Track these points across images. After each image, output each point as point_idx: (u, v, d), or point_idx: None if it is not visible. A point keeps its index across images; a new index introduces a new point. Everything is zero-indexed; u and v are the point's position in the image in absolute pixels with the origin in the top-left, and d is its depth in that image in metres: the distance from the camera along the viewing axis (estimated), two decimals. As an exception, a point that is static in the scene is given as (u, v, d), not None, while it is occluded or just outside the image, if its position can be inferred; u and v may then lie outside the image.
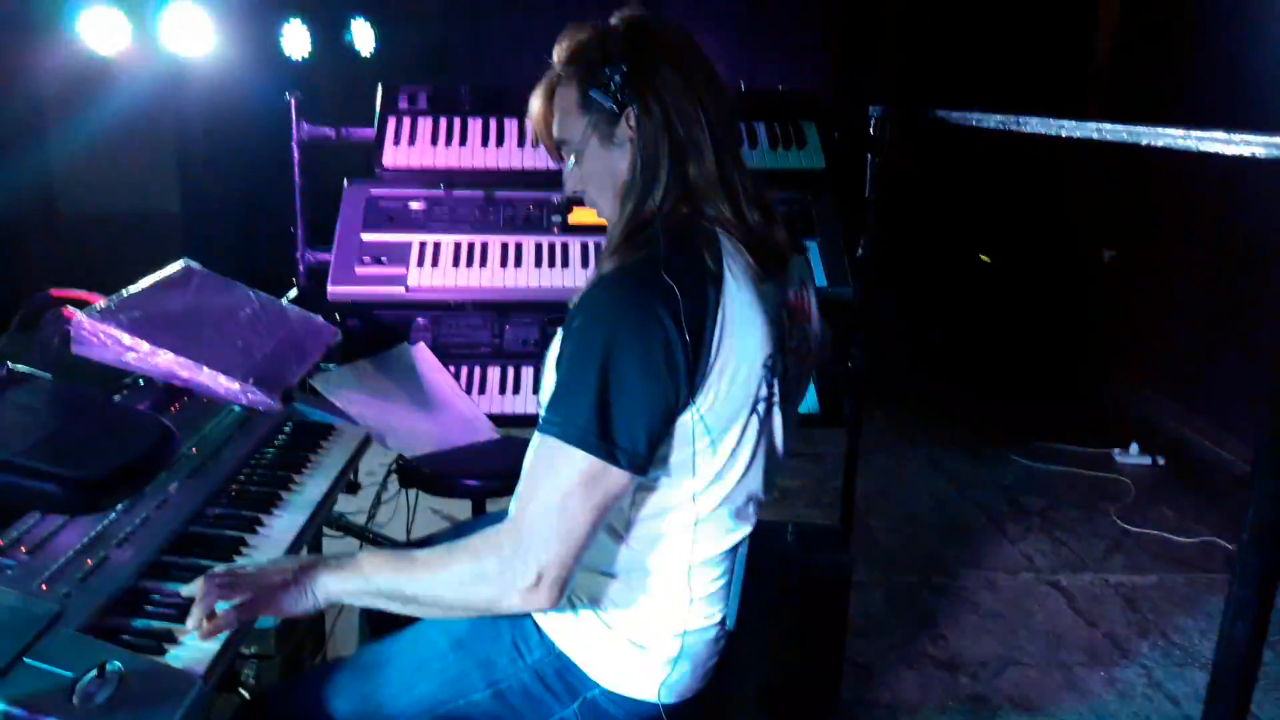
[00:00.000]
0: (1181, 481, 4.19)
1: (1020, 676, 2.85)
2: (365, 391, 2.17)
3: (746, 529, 1.44)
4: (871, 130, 2.26)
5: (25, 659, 1.19)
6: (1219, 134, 1.08)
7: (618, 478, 1.25)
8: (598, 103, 1.36)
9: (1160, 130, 1.16)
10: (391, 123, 2.47)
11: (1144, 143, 1.20)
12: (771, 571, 2.67)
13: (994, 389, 4.55)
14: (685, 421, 1.30)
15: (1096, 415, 4.45)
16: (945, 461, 4.33)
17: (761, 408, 1.36)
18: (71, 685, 1.18)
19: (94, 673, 1.20)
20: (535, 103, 1.46)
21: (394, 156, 2.42)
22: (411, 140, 2.46)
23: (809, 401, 2.42)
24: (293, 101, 2.51)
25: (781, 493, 3.83)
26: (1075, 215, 4.32)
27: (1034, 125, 1.52)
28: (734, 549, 1.45)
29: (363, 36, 3.99)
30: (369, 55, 3.99)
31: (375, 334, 2.43)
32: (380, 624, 1.80)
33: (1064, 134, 1.42)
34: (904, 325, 4.20)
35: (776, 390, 1.39)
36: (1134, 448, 4.37)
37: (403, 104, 2.50)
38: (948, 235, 4.32)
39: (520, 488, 1.28)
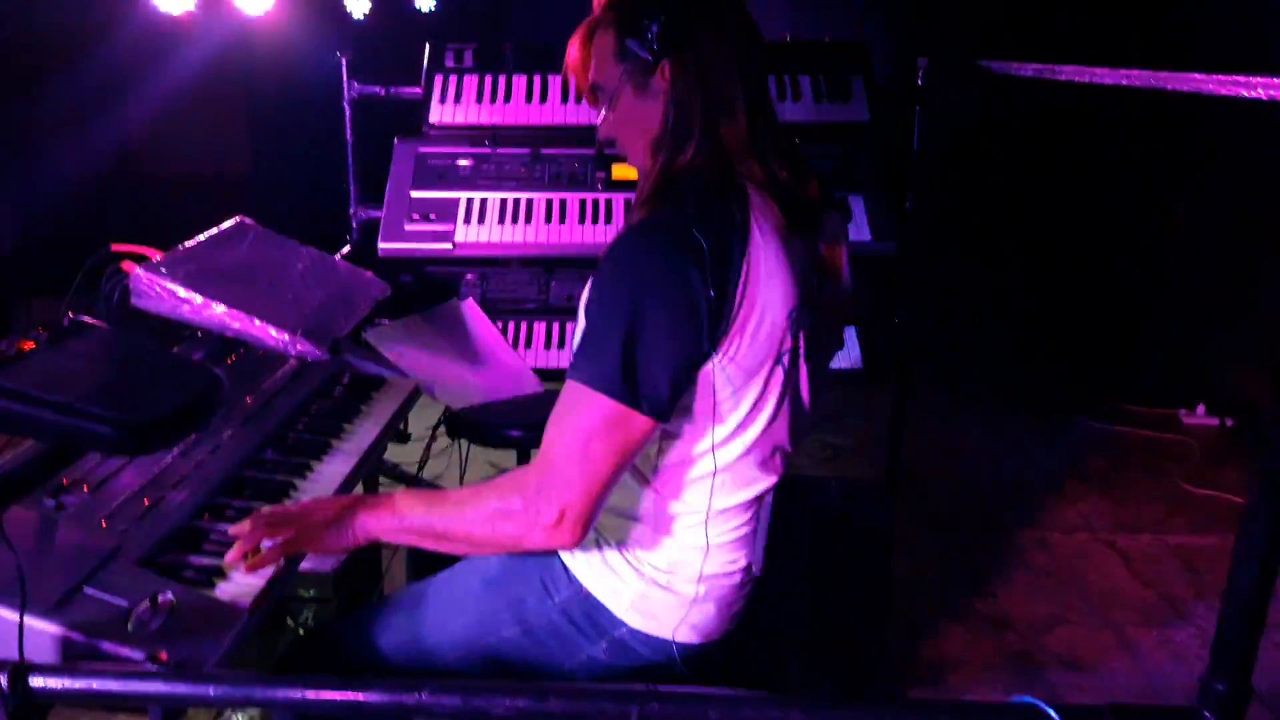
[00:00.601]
0: (1250, 443, 4.09)
1: (1070, 635, 2.84)
2: (415, 345, 2.23)
3: (772, 479, 1.47)
4: (920, 81, 2.24)
5: (85, 588, 1.28)
6: (1239, 78, 1.06)
7: (640, 424, 1.28)
8: (633, 52, 1.37)
9: (1187, 76, 1.14)
10: (438, 81, 2.51)
11: (1169, 88, 1.17)
12: (814, 526, 2.69)
13: (1056, 348, 4.46)
14: (708, 371, 1.32)
15: (1164, 375, 4.34)
16: (1004, 421, 4.28)
17: (786, 360, 1.38)
18: (127, 614, 1.26)
19: (147, 603, 1.28)
20: (573, 46, 1.47)
21: (440, 114, 2.47)
22: (458, 98, 2.49)
23: (851, 356, 2.41)
24: (344, 61, 2.56)
25: (834, 451, 3.84)
26: (1143, 168, 4.18)
27: (1068, 73, 1.50)
28: (758, 498, 1.47)
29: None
30: (428, 12, 4.02)
31: (426, 289, 2.49)
32: (425, 567, 1.87)
33: (1094, 81, 1.40)
34: (961, 282, 4.13)
35: (802, 343, 1.41)
36: (1201, 409, 4.26)
37: (449, 62, 2.54)
38: (1008, 189, 4.22)
39: (547, 431, 1.32)
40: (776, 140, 1.40)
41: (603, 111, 1.46)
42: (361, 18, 3.71)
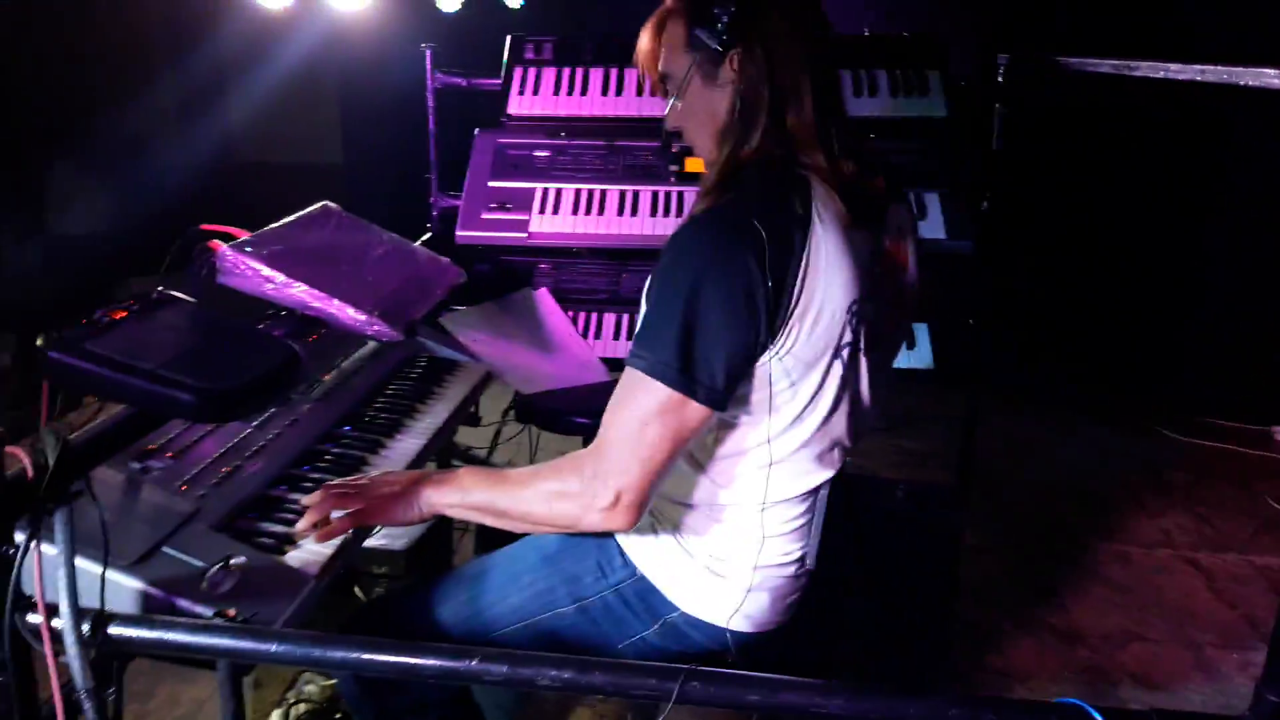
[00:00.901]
0: (1349, 464, 3.92)
1: (1145, 652, 2.76)
2: (489, 331, 2.28)
3: (828, 473, 1.47)
4: (1000, 78, 2.20)
5: (164, 547, 1.34)
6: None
7: (695, 411, 1.30)
8: (703, 42, 1.38)
9: (1259, 71, 1.11)
10: (518, 73, 2.56)
11: (1242, 83, 1.14)
12: (882, 528, 2.67)
13: (1138, 356, 4.33)
14: (765, 362, 1.33)
15: (1256, 390, 4.18)
16: (1085, 429, 4.17)
17: (846, 353, 1.38)
18: (201, 573, 1.32)
19: (221, 565, 1.34)
20: (644, 36, 1.49)
21: (519, 105, 2.51)
22: (536, 90, 2.54)
23: (923, 356, 2.39)
24: (428, 53, 2.62)
25: (908, 454, 3.79)
26: (1241, 170, 4.03)
27: (1143, 70, 1.46)
28: (814, 491, 1.48)
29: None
30: (517, 8, 4.09)
31: (502, 277, 2.54)
32: (493, 545, 1.92)
33: (1167, 76, 1.36)
34: (1039, 283, 4.03)
35: (863, 337, 1.41)
36: (1296, 426, 4.10)
37: (529, 54, 2.58)
38: (1089, 189, 4.10)
39: (606, 415, 1.34)
40: (843, 133, 1.40)
41: (671, 101, 1.48)
42: (451, 11, 3.80)
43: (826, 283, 1.33)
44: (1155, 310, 4.25)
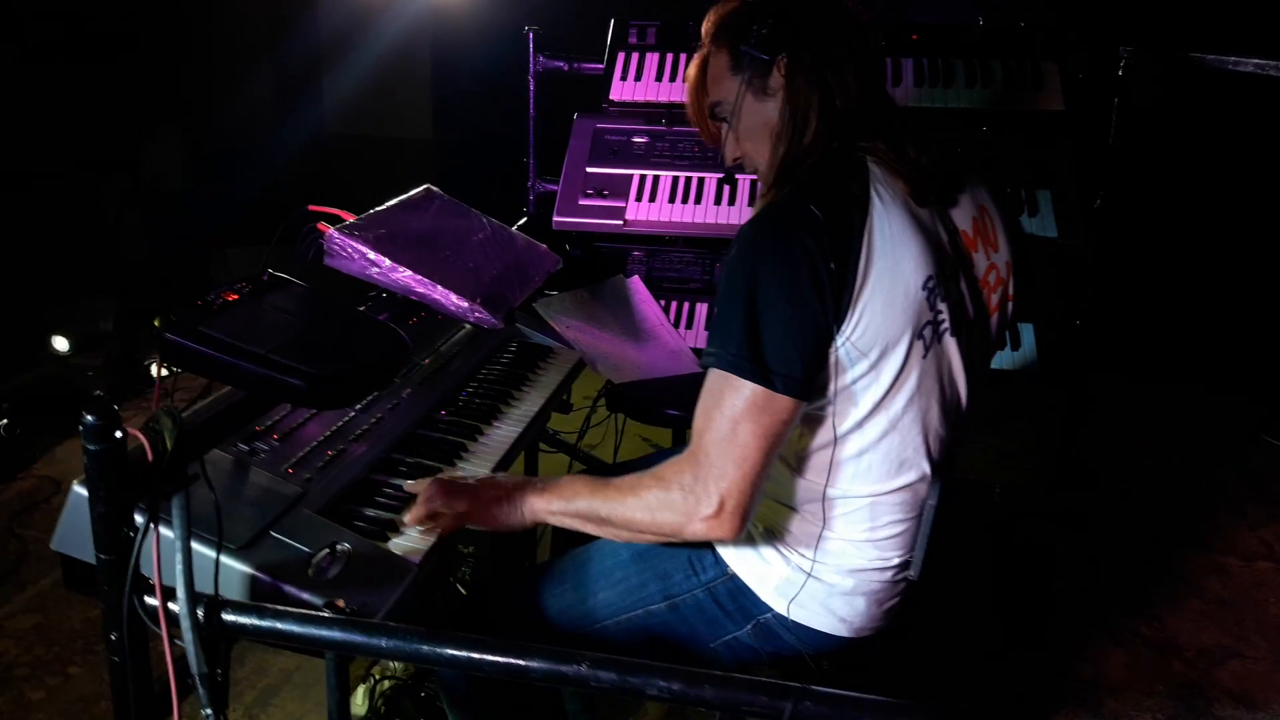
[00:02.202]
0: None
1: (1243, 669, 2.66)
2: (581, 318, 2.27)
3: (925, 467, 1.43)
4: (1120, 72, 2.11)
5: (271, 532, 1.36)
6: None
7: (781, 402, 1.28)
8: (750, 56, 1.43)
9: None
10: (620, 57, 2.52)
11: None
12: (974, 531, 2.61)
13: (1245, 360, 4.16)
14: (838, 346, 1.31)
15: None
16: (1185, 434, 4.03)
17: (928, 332, 1.36)
18: (308, 559, 1.33)
19: (327, 550, 1.35)
20: (690, 77, 1.55)
21: (621, 91, 2.48)
22: (638, 76, 2.50)
23: (1027, 355, 2.31)
24: (530, 35, 2.60)
25: (999, 454, 3.69)
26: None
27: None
28: (915, 490, 1.44)
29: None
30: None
31: (595, 263, 2.52)
32: (570, 536, 1.92)
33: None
34: (1147, 284, 3.90)
35: (946, 315, 1.38)
36: None
37: (632, 39, 2.55)
38: (1201, 189, 3.94)
39: (695, 421, 1.33)
40: (894, 115, 1.45)
41: (725, 131, 1.52)
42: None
43: (895, 260, 1.32)
44: (1264, 313, 4.08)
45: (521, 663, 1.08)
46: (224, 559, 1.27)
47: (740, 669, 1.72)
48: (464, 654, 1.09)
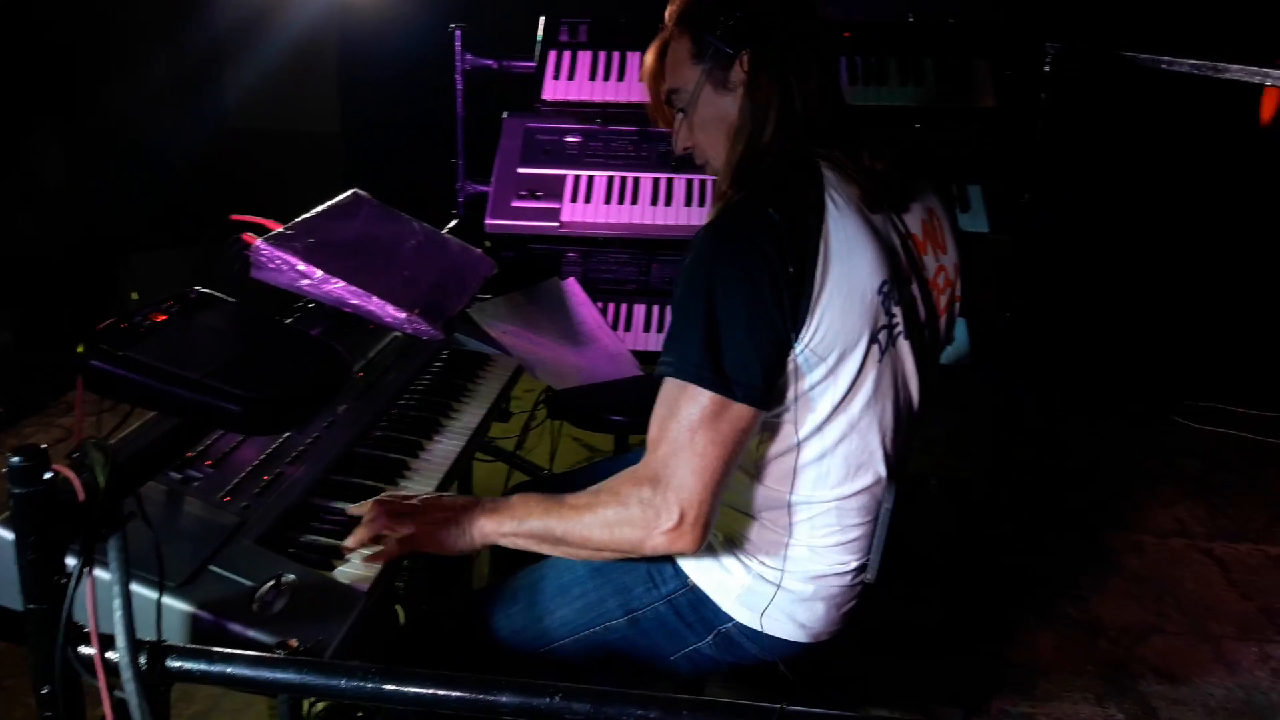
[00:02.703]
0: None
1: (1165, 645, 2.75)
2: (517, 323, 2.22)
3: (881, 470, 1.43)
4: (1046, 68, 2.15)
5: (211, 566, 1.29)
6: None
7: (739, 411, 1.26)
8: (713, 47, 1.40)
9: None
10: (552, 56, 2.47)
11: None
12: (912, 523, 2.64)
13: (1160, 344, 4.31)
14: (797, 353, 1.30)
15: (1270, 377, 4.17)
16: (1100, 417, 4.16)
17: (883, 336, 1.36)
18: (251, 594, 1.27)
19: (271, 583, 1.29)
20: (648, 59, 1.52)
21: (553, 90, 2.43)
22: (571, 74, 2.45)
23: (959, 349, 2.35)
24: (457, 33, 2.53)
25: (924, 442, 3.75)
26: (1263, 164, 4.00)
27: (1234, 73, 1.41)
28: (873, 493, 1.44)
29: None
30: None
31: (529, 266, 2.47)
32: (510, 553, 1.88)
33: (1269, 83, 1.31)
34: (1068, 273, 4.00)
35: (900, 319, 1.38)
36: (1311, 413, 4.09)
37: (564, 37, 2.50)
38: (1119, 181, 4.07)
39: (650, 431, 1.30)
40: (849, 120, 1.44)
41: (679, 120, 1.49)
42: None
43: (850, 265, 1.31)
44: (1170, 298, 4.23)
45: (490, 698, 1.04)
46: (165, 599, 1.20)
47: (698, 681, 1.71)
48: (429, 691, 1.05)
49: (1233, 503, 3.52)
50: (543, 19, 2.52)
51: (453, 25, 2.52)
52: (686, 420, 1.26)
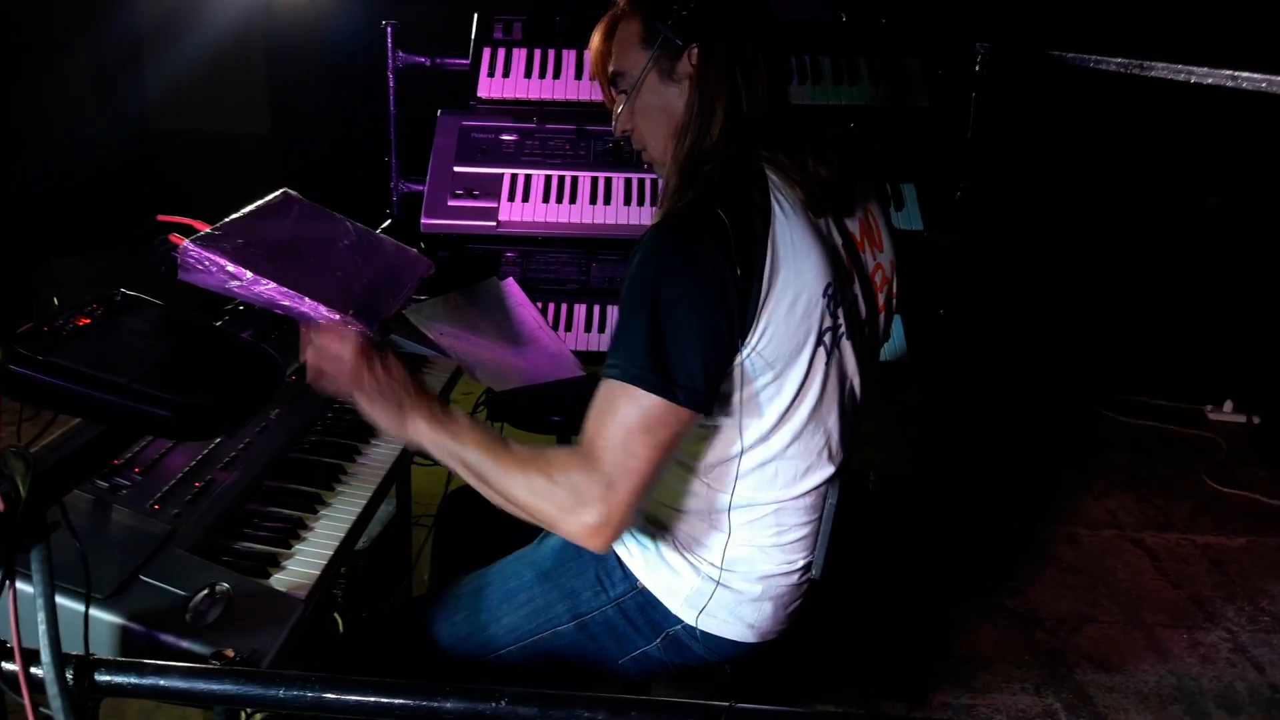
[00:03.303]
0: (1278, 442, 4.05)
1: (1099, 634, 2.82)
2: (455, 324, 2.18)
3: (827, 469, 1.43)
4: (977, 67, 2.18)
5: (141, 576, 1.25)
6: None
7: (679, 415, 1.25)
8: (663, 36, 1.37)
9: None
10: (486, 54, 2.44)
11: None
12: (852, 519, 2.65)
13: (1085, 339, 4.42)
14: (744, 357, 1.30)
15: (1190, 370, 4.31)
16: (1031, 412, 4.25)
17: (828, 339, 1.36)
18: (184, 603, 1.23)
19: (205, 592, 1.25)
20: (595, 36, 1.48)
21: (489, 88, 2.40)
22: (506, 72, 2.42)
23: (897, 348, 2.37)
24: (389, 29, 2.49)
25: (861, 438, 3.79)
26: (1180, 159, 4.12)
27: (1160, 70, 1.44)
28: (819, 492, 1.44)
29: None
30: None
31: (466, 266, 2.44)
32: (451, 550, 1.86)
33: (1194, 81, 1.34)
34: (997, 270, 4.08)
35: (843, 320, 1.38)
36: (1228, 405, 4.23)
37: (498, 34, 2.47)
38: (1046, 177, 4.16)
39: (587, 424, 1.28)
40: (795, 122, 1.42)
41: (621, 104, 1.46)
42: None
43: (797, 268, 1.31)
44: (1097, 293, 4.34)
45: (434, 704, 1.02)
46: (94, 611, 1.15)
47: (645, 684, 1.70)
48: (371, 699, 1.02)
49: (1159, 493, 3.62)
50: (476, 16, 2.49)
51: (384, 22, 2.48)
52: (625, 420, 1.24)
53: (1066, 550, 3.23)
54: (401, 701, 1.02)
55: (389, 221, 2.46)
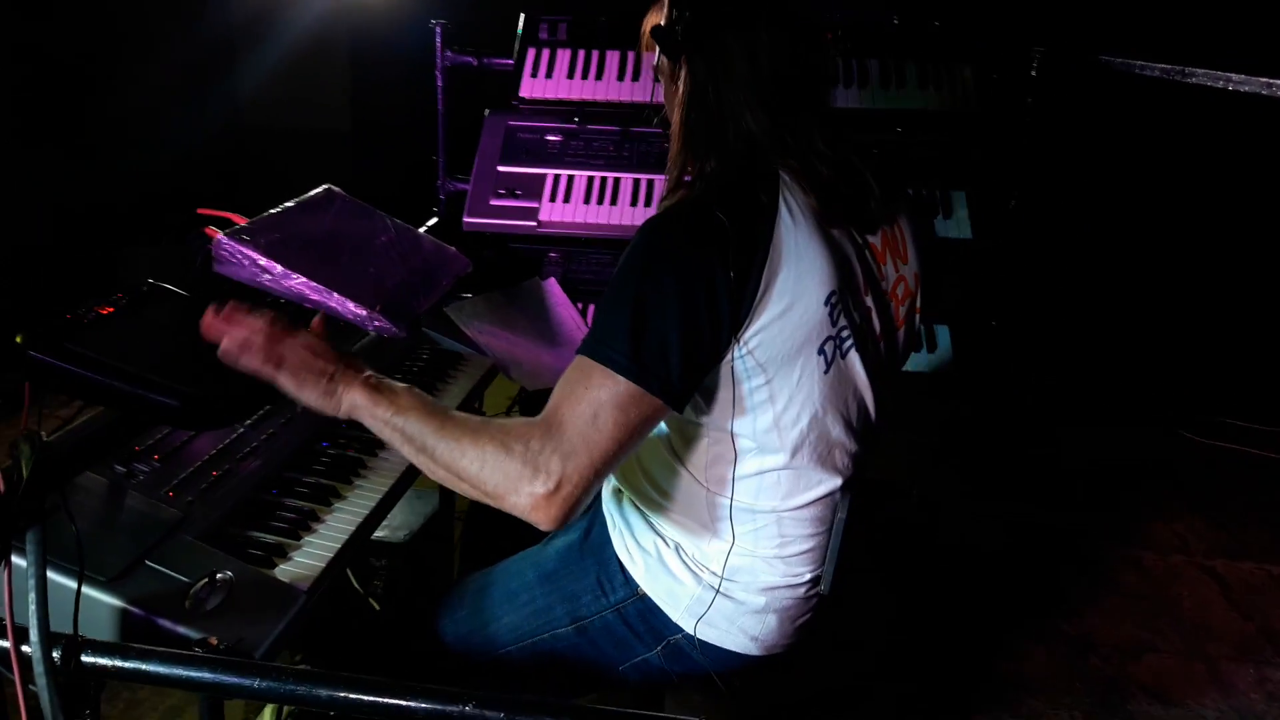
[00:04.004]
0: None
1: (1158, 664, 2.70)
2: (495, 322, 2.20)
3: (835, 481, 1.40)
4: (1032, 72, 2.11)
5: (146, 561, 1.28)
6: None
7: (650, 402, 1.23)
8: (664, 40, 1.36)
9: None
10: (531, 54, 2.45)
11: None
12: (888, 532, 2.60)
13: (1159, 355, 4.24)
14: (734, 358, 1.28)
15: (1276, 392, 4.10)
16: (1102, 429, 4.09)
17: (829, 348, 1.32)
18: (186, 590, 1.25)
19: (205, 580, 1.27)
20: (647, 21, 1.48)
21: (531, 88, 2.41)
22: (549, 73, 2.43)
23: (943, 356, 2.30)
24: (438, 29, 2.52)
25: (921, 452, 3.71)
26: (1267, 175, 3.93)
27: (1199, 77, 1.37)
28: (826, 504, 1.41)
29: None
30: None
31: (510, 265, 2.45)
32: (479, 544, 1.86)
33: (1231, 88, 1.27)
34: (1061, 282, 3.95)
35: (849, 330, 1.35)
36: (1320, 430, 4.01)
37: (543, 35, 2.47)
38: (1119, 188, 4.01)
39: (554, 396, 1.25)
40: (813, 134, 1.36)
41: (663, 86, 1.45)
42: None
43: (797, 273, 1.28)
44: (1176, 309, 4.16)
45: (403, 703, 1.02)
46: (94, 593, 1.19)
47: (649, 691, 1.69)
48: (341, 695, 1.03)
49: (1236, 519, 3.45)
50: (523, 16, 2.50)
51: (433, 22, 2.51)
52: (596, 394, 1.21)
53: (1130, 574, 3.10)
54: (370, 698, 1.03)
55: (434, 220, 2.49)
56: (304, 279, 1.71)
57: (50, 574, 1.13)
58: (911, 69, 2.32)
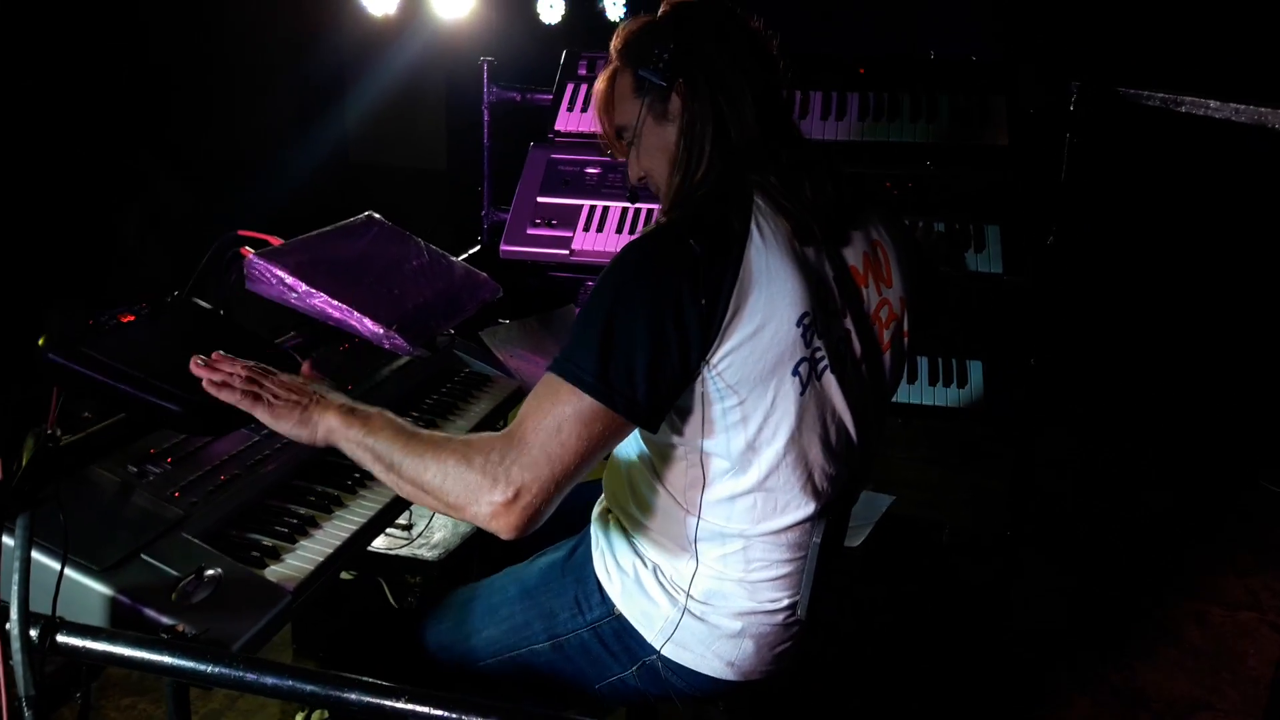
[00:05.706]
0: None
1: (1212, 723, 2.57)
2: (528, 347, 2.27)
3: (810, 508, 1.40)
4: (1071, 107, 2.08)
5: (141, 554, 1.35)
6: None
7: (614, 420, 1.26)
8: (649, 81, 1.42)
9: None
10: (569, 88, 2.53)
11: (1273, 125, 1.02)
12: (923, 573, 2.55)
13: (1234, 399, 4.05)
14: (705, 379, 1.30)
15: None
16: (1174, 476, 3.92)
17: (804, 369, 1.34)
18: (175, 583, 1.33)
19: (193, 575, 1.35)
20: (598, 90, 1.54)
21: (567, 121, 2.49)
22: (584, 107, 2.51)
23: (973, 392, 2.26)
24: (484, 65, 2.62)
25: (971, 491, 3.61)
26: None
27: (1187, 106, 1.34)
28: (801, 529, 1.41)
29: (613, 5, 4.18)
30: (616, 21, 4.10)
31: (548, 293, 2.52)
32: (513, 559, 1.90)
33: (1206, 114, 1.24)
34: (1128, 323, 3.81)
35: (825, 352, 1.36)
36: None
37: (581, 70, 2.56)
38: (1175, 226, 3.85)
39: (521, 410, 1.30)
40: (794, 148, 1.42)
41: (631, 152, 1.50)
42: (553, 24, 3.85)
43: (768, 295, 1.30)
44: (1252, 348, 3.97)
45: (340, 694, 1.07)
46: (84, 579, 1.27)
47: (641, 711, 1.70)
48: (286, 683, 1.09)
49: (1317, 577, 3.26)
50: (565, 53, 2.59)
51: (481, 58, 2.61)
52: (561, 409, 1.25)
53: (1192, 628, 2.96)
54: (310, 688, 1.08)
55: (476, 248, 2.58)
56: (325, 297, 1.80)
57: (42, 558, 1.23)
58: (943, 102, 2.31)
